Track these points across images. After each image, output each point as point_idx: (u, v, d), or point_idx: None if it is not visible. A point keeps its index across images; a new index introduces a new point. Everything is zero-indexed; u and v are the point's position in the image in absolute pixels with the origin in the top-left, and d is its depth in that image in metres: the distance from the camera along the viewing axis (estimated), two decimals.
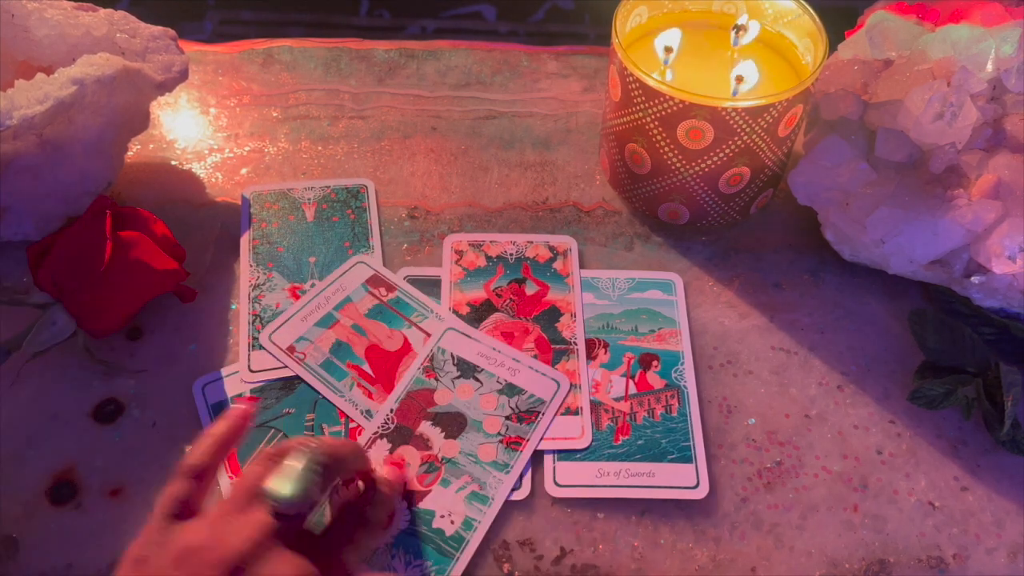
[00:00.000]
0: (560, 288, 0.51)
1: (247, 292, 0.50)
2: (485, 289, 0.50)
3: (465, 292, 0.50)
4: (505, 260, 0.52)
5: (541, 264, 0.52)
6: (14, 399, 0.45)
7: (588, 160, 0.59)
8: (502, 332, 0.48)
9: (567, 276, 0.51)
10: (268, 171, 0.57)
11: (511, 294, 0.50)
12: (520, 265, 0.52)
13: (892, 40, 0.49)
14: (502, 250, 0.53)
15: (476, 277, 0.51)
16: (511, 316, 0.49)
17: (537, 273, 0.51)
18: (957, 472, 0.45)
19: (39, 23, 0.48)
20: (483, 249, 0.52)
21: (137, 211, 0.48)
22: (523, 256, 0.52)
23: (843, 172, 0.48)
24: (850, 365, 0.49)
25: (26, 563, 0.40)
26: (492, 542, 0.41)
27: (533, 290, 0.50)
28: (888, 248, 0.48)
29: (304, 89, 0.62)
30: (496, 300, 0.50)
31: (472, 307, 0.50)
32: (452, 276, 0.51)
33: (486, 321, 0.49)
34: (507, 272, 0.51)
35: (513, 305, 0.50)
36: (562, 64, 0.65)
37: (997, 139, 0.47)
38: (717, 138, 0.47)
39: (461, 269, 0.51)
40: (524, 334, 0.48)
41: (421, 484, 0.42)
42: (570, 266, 0.52)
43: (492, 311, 0.50)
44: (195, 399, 0.45)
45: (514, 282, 0.51)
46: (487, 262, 0.52)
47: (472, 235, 0.53)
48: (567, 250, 0.53)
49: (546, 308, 0.50)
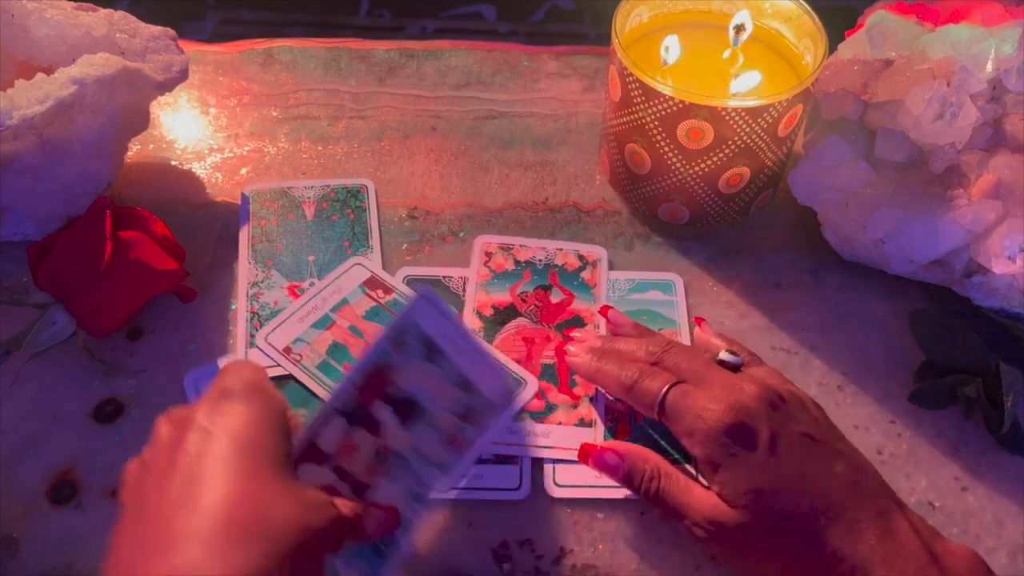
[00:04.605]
0: (586, 298, 0.50)
1: (245, 290, 0.50)
2: (511, 293, 0.50)
3: (491, 294, 0.50)
4: (533, 265, 0.52)
5: (569, 272, 0.51)
6: (14, 399, 0.45)
7: (588, 160, 0.59)
8: (523, 337, 0.48)
9: (594, 287, 0.51)
10: (268, 171, 0.57)
11: (536, 300, 0.50)
12: (548, 272, 0.51)
13: (892, 40, 0.49)
14: (531, 255, 0.52)
15: (503, 280, 0.51)
16: (534, 322, 0.49)
17: (564, 281, 0.51)
18: (957, 472, 0.45)
19: (39, 23, 0.48)
20: (512, 252, 0.52)
21: (137, 211, 0.48)
22: (552, 263, 0.52)
23: (843, 172, 0.48)
24: (850, 365, 0.49)
25: (26, 563, 0.40)
26: (492, 542, 0.41)
27: (559, 298, 0.50)
28: (888, 248, 0.48)
29: (304, 89, 0.62)
30: (520, 305, 0.50)
31: (496, 309, 0.49)
32: (479, 277, 0.51)
33: (508, 325, 0.49)
34: (534, 277, 0.51)
35: (537, 311, 0.49)
36: (562, 64, 0.65)
37: (997, 139, 0.47)
38: (717, 138, 0.47)
39: (488, 271, 0.51)
40: (545, 341, 0.48)
41: (369, 476, 0.39)
42: (598, 277, 0.51)
43: (515, 315, 0.49)
44: (186, 392, 0.45)
45: (540, 288, 0.51)
46: (515, 265, 0.52)
47: (503, 237, 0.53)
48: (597, 260, 0.52)
49: (570, 317, 0.49)
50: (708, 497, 0.38)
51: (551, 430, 0.44)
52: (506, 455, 0.44)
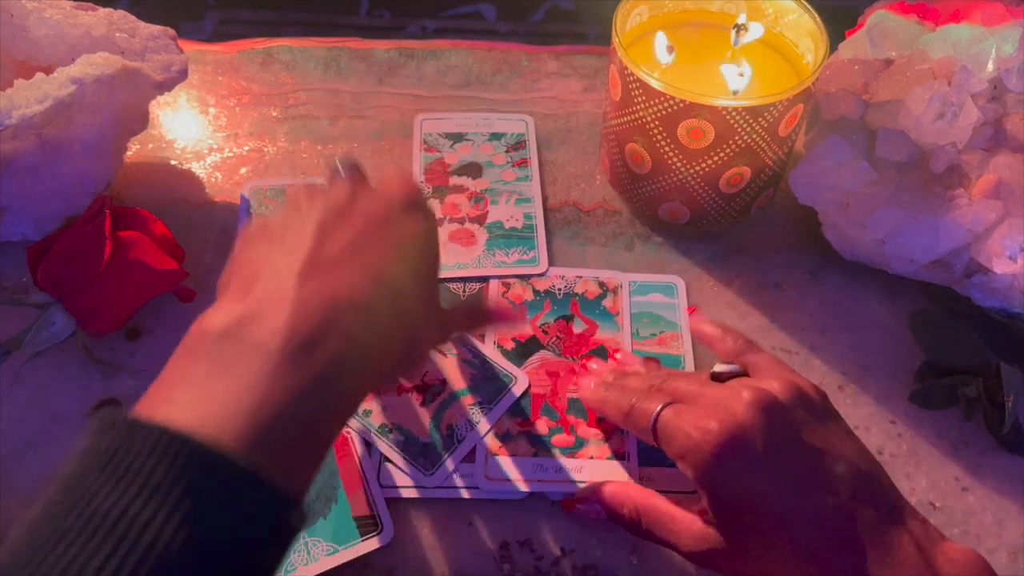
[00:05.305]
0: (610, 327, 0.49)
1: None
2: (531, 325, 0.49)
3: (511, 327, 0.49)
4: (553, 295, 0.50)
5: (590, 301, 0.50)
6: (14, 399, 0.45)
7: (588, 160, 0.59)
8: (547, 371, 0.47)
9: (617, 315, 0.49)
10: (268, 171, 0.57)
11: (558, 331, 0.48)
12: (568, 301, 0.50)
13: (892, 40, 0.49)
14: (550, 284, 0.51)
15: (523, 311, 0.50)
16: (557, 354, 0.47)
17: (586, 310, 0.49)
18: (958, 472, 0.45)
19: (38, 23, 0.48)
20: (531, 282, 0.51)
21: (136, 211, 0.48)
22: (572, 292, 0.50)
23: (844, 172, 0.48)
24: (850, 365, 0.49)
25: None
26: (492, 542, 0.41)
27: (581, 328, 0.49)
28: (888, 248, 0.48)
29: (304, 89, 0.62)
30: (542, 337, 0.48)
31: (517, 343, 0.48)
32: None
33: (531, 358, 0.47)
34: (554, 308, 0.50)
35: (560, 343, 0.48)
36: (562, 64, 0.65)
37: (998, 139, 0.46)
38: (717, 138, 0.47)
39: (507, 302, 0.50)
40: (570, 374, 0.47)
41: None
42: (620, 304, 0.50)
43: (538, 348, 0.48)
44: None
45: (561, 319, 0.49)
46: (534, 296, 0.50)
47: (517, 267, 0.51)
48: (618, 286, 0.51)
49: (594, 348, 0.48)
50: (692, 524, 0.36)
51: (583, 465, 0.43)
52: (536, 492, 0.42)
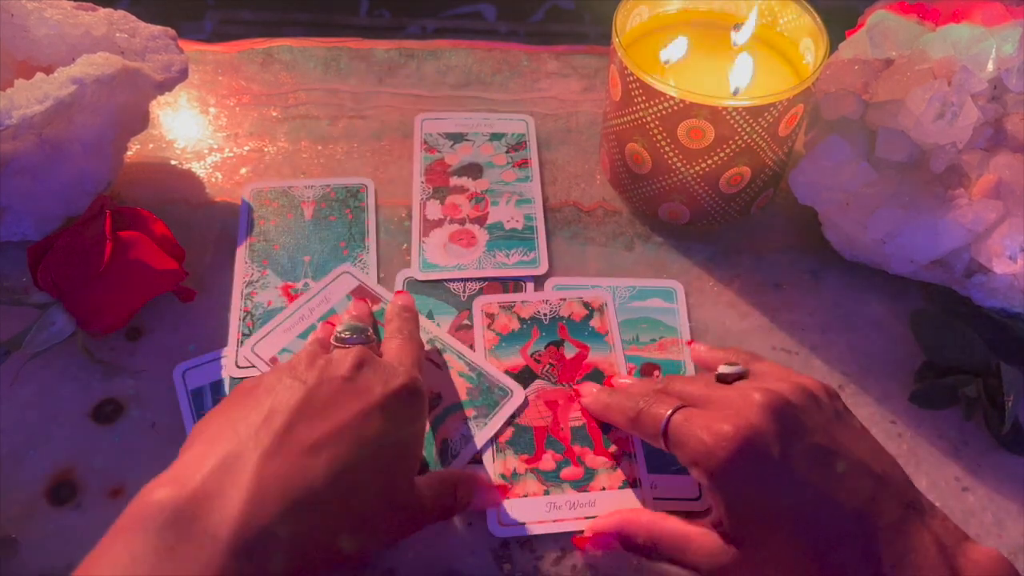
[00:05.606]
0: (600, 348, 0.48)
1: (240, 288, 0.50)
2: (522, 355, 0.47)
3: (501, 359, 0.47)
4: (539, 321, 0.49)
5: (577, 323, 0.49)
6: (14, 399, 0.45)
7: (588, 160, 0.59)
8: (545, 401, 0.45)
9: (606, 334, 0.48)
10: (268, 171, 0.57)
11: (550, 358, 0.47)
12: (555, 326, 0.49)
13: (892, 40, 0.49)
14: (535, 310, 0.49)
15: (511, 342, 0.48)
16: (553, 383, 0.46)
17: (575, 333, 0.48)
18: (958, 472, 0.45)
19: (39, 23, 0.48)
20: (515, 311, 0.49)
21: (137, 211, 0.48)
22: (558, 315, 0.49)
23: (844, 172, 0.48)
24: (851, 365, 0.49)
25: (26, 563, 0.40)
26: (492, 542, 0.41)
27: (573, 352, 0.47)
28: (889, 248, 0.48)
29: (304, 89, 0.62)
30: (535, 366, 0.47)
31: (511, 375, 0.46)
32: (486, 343, 0.48)
33: (528, 390, 0.46)
34: (543, 334, 0.48)
35: (554, 371, 0.47)
36: (562, 64, 0.65)
37: (998, 139, 0.46)
38: (718, 138, 0.47)
39: (494, 334, 0.48)
40: (569, 402, 0.45)
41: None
42: (607, 323, 0.49)
43: (532, 378, 0.46)
44: (175, 385, 0.45)
45: (552, 345, 0.48)
46: (520, 324, 0.49)
47: (501, 296, 0.50)
48: (603, 305, 0.50)
49: (588, 371, 0.47)
50: (708, 541, 0.36)
51: (595, 498, 0.42)
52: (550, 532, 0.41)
